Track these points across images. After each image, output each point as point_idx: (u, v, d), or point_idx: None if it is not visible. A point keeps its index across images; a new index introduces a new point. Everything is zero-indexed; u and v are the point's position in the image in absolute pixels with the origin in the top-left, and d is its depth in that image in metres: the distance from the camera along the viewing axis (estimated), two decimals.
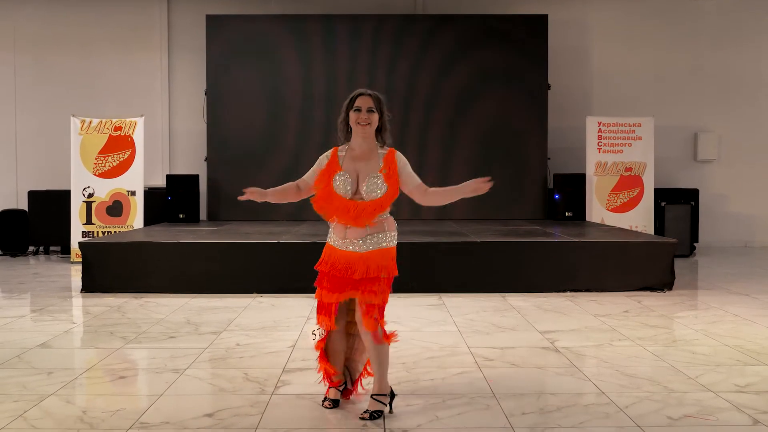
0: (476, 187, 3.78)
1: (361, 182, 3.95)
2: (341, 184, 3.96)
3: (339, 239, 4.02)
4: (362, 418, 3.87)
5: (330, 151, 4.11)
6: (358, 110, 3.97)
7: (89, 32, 12.38)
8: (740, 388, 4.40)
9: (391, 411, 3.97)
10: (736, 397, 4.21)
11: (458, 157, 11.72)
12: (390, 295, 4.01)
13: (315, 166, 4.15)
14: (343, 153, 4.05)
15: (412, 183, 4.01)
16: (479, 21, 11.99)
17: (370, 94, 4.00)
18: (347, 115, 4.01)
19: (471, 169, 11.71)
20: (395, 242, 4.04)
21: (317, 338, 4.18)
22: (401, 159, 4.03)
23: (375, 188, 3.92)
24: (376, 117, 3.98)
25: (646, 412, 3.96)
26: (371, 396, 3.96)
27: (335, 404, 4.08)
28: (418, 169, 4.77)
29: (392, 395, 4.03)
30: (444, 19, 12.00)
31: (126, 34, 12.39)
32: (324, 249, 4.12)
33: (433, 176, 10.36)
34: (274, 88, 11.87)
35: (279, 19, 11.99)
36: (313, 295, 4.19)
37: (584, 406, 4.08)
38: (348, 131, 4.06)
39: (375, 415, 3.87)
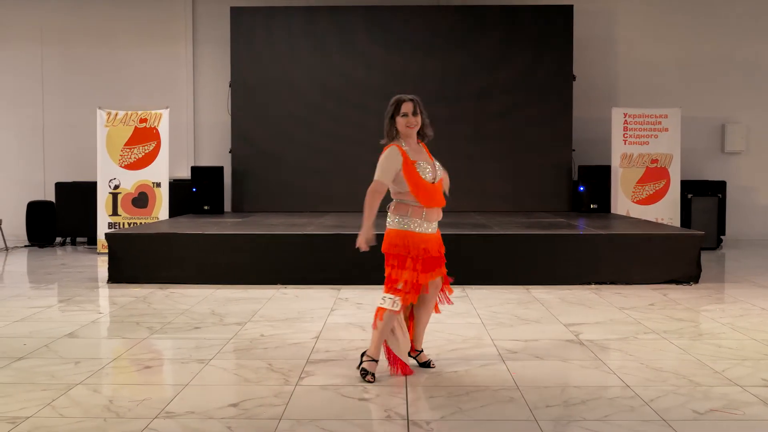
0: (363, 240, 4.32)
1: (433, 169, 4.46)
2: (428, 173, 4.42)
3: (426, 223, 4.41)
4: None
5: (393, 149, 4.43)
6: (406, 115, 4.42)
7: (115, 24, 12.47)
8: (767, 382, 4.35)
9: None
10: (763, 391, 4.17)
11: (483, 148, 11.66)
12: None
13: (386, 165, 4.41)
14: (406, 147, 4.46)
15: None
16: (504, 11, 11.92)
17: (411, 99, 4.46)
18: (393, 119, 4.44)
19: (496, 161, 11.67)
20: None
21: (393, 308, 4.36)
22: None
23: (441, 172, 4.52)
24: (419, 118, 4.47)
25: (671, 405, 3.93)
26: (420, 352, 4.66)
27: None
28: (446, 161, 4.79)
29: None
30: (468, 10, 11.94)
31: (151, 27, 12.47)
32: (402, 237, 4.37)
33: (459, 168, 10.31)
34: (297, 81, 11.89)
35: (303, 11, 12.00)
36: (335, 286, 4.25)
37: (609, 399, 4.06)
38: (395, 132, 4.48)
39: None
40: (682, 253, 7.91)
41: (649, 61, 12.40)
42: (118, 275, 8.01)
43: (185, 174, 12.09)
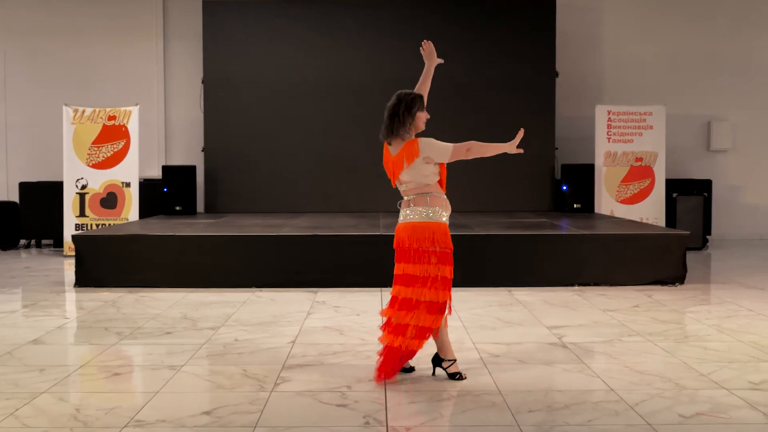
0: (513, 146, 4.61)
1: None
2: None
3: (447, 213, 4.58)
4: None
5: (429, 138, 4.56)
6: (425, 111, 4.64)
7: (82, 19, 12.36)
8: (754, 385, 4.40)
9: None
10: (750, 394, 4.21)
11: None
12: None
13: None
14: None
15: None
16: (484, 4, 11.96)
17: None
18: (413, 114, 4.56)
19: (477, 159, 11.66)
20: None
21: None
22: None
23: None
24: None
25: (656, 409, 3.96)
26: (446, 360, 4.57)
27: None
28: None
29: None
30: (447, 3, 11.96)
31: (120, 21, 12.37)
32: (441, 228, 4.47)
33: None
34: (272, 76, 11.85)
35: (278, 5, 11.96)
36: (312, 289, 4.24)
37: (593, 403, 4.08)
38: (409, 127, 4.56)
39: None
40: (667, 253, 7.98)
41: (634, 57, 12.50)
42: (85, 279, 7.94)
43: (156, 173, 12.02)
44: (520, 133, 4.61)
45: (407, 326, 4.40)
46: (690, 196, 11.33)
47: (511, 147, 4.56)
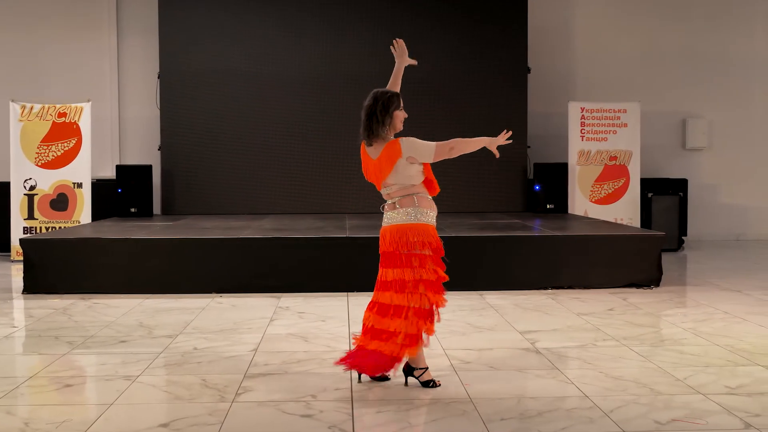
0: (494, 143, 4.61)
1: None
2: None
3: (433, 213, 4.61)
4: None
5: (411, 138, 4.58)
6: (402, 110, 4.65)
7: (31, 10, 12.19)
8: (731, 389, 4.46)
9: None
10: (727, 399, 4.28)
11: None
12: (361, 294, 4.16)
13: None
14: None
15: None
16: None
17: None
18: (391, 114, 4.56)
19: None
20: None
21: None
22: None
23: None
24: None
25: (632, 416, 4.01)
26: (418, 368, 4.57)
27: None
28: None
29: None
30: None
31: (70, 12, 12.22)
32: (429, 230, 4.51)
33: None
34: (233, 71, 11.78)
35: None
36: (275, 294, 4.23)
37: (567, 410, 4.12)
38: (388, 127, 4.57)
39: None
40: (642, 255, 8.07)
41: (608, 53, 12.63)
42: (34, 285, 7.84)
43: (109, 173, 11.89)
44: (507, 134, 4.59)
45: (396, 333, 4.41)
46: (665, 196, 11.48)
47: (492, 144, 4.57)
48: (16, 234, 10.32)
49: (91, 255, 7.96)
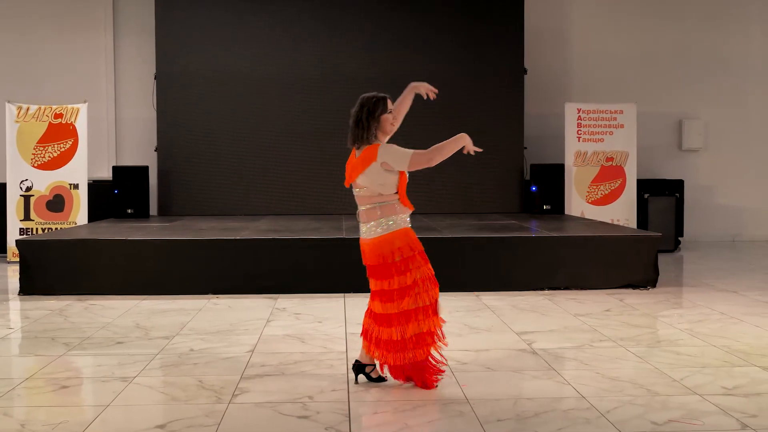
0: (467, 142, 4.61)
1: None
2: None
3: (408, 217, 4.65)
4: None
5: (391, 144, 4.60)
6: (391, 112, 4.62)
7: (26, 10, 12.17)
8: (728, 390, 4.47)
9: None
10: (724, 400, 4.28)
11: (426, 146, 11.69)
12: (357, 295, 4.17)
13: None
14: None
15: None
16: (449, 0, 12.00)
17: (390, 97, 4.65)
18: (377, 118, 4.54)
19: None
20: None
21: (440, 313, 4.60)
22: None
23: None
24: None
25: (628, 417, 4.01)
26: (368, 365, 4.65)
27: None
28: None
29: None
30: None
31: (67, 13, 12.20)
32: (407, 235, 4.57)
33: None
34: (230, 72, 11.77)
35: None
36: (272, 295, 4.23)
37: (563, 411, 4.12)
38: (374, 132, 4.57)
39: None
40: (638, 255, 8.08)
41: (604, 54, 12.63)
42: (30, 286, 7.83)
43: (106, 174, 11.87)
44: (475, 148, 4.62)
45: (405, 341, 4.42)
46: (662, 197, 11.49)
47: (469, 145, 4.56)
48: (13, 235, 10.29)
49: (87, 256, 7.94)
